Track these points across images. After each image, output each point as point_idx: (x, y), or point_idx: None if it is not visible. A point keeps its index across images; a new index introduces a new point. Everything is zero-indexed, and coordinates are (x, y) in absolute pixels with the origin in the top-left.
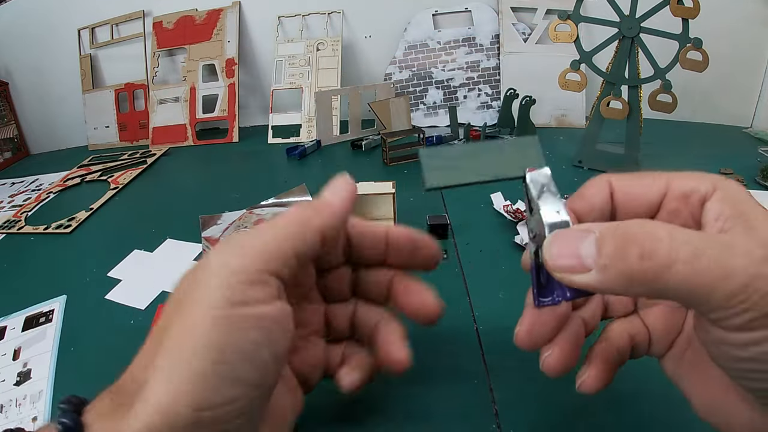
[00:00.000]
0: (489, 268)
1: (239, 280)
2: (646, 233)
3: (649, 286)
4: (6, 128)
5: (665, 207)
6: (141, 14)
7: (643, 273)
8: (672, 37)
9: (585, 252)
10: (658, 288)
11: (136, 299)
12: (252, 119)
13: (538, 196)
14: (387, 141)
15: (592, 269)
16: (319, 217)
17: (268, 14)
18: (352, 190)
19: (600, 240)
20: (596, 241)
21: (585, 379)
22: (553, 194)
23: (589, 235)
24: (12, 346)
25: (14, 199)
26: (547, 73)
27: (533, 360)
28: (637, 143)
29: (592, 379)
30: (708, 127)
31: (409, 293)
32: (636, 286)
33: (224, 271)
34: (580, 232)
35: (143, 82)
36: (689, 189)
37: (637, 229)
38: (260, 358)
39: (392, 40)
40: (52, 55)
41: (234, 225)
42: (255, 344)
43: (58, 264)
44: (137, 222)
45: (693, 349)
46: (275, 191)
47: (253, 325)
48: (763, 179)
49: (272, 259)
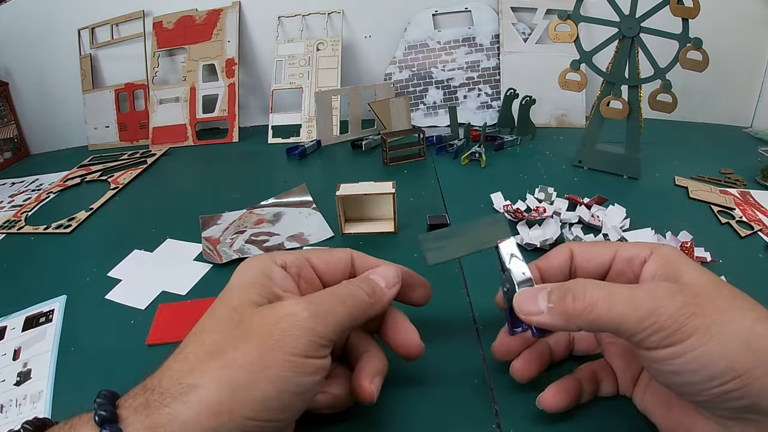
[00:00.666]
0: (489, 268)
1: (318, 342)
2: (579, 285)
3: (582, 320)
4: (6, 128)
5: (614, 268)
6: (141, 14)
7: (576, 311)
8: (672, 36)
9: (540, 301)
10: (588, 321)
11: (136, 299)
12: (252, 119)
13: (509, 261)
14: (387, 141)
15: (544, 311)
16: (377, 307)
17: (268, 14)
18: (400, 281)
19: (549, 292)
20: (547, 294)
21: (542, 394)
22: (519, 259)
23: (543, 290)
24: (12, 346)
25: (14, 199)
26: (547, 73)
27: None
28: (637, 143)
29: (548, 396)
30: (708, 127)
31: (396, 330)
32: (573, 321)
33: (310, 332)
34: (538, 288)
35: (143, 82)
36: (632, 254)
37: (573, 284)
38: (309, 393)
39: (392, 40)
40: (52, 55)
41: (234, 225)
42: (310, 384)
43: (58, 264)
44: (137, 222)
45: (653, 382)
46: (275, 191)
47: (313, 372)
48: (763, 179)
49: (339, 332)
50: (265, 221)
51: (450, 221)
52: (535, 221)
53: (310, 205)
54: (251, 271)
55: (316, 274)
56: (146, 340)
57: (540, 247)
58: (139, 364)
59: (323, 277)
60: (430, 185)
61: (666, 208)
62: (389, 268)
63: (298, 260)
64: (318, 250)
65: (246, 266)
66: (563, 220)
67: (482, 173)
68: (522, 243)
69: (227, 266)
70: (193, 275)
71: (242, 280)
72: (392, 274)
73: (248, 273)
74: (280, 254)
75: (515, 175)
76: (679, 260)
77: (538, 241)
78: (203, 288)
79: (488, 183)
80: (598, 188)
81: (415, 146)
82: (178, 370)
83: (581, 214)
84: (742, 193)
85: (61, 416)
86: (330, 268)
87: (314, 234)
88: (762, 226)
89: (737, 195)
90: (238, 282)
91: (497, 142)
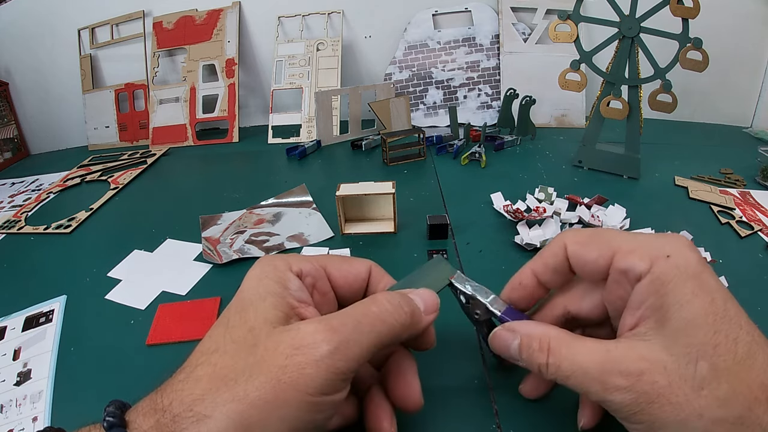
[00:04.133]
0: (489, 268)
1: (337, 379)
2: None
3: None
4: (6, 128)
5: (611, 275)
6: (141, 14)
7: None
8: (672, 37)
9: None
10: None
11: (136, 299)
12: (252, 119)
13: (472, 291)
14: (387, 141)
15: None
16: (411, 332)
17: (268, 14)
18: (438, 309)
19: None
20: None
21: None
22: (475, 284)
23: (516, 339)
24: (12, 346)
25: (14, 199)
26: (547, 73)
27: None
28: (637, 143)
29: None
30: (708, 127)
31: (400, 379)
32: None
33: (329, 370)
34: (510, 334)
35: (143, 82)
36: (627, 266)
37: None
38: (323, 427)
39: (392, 40)
40: (52, 55)
41: (234, 225)
42: (325, 419)
43: (58, 264)
44: (137, 222)
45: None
46: (275, 191)
47: (329, 408)
48: (763, 179)
49: (364, 362)
50: (265, 221)
51: (450, 221)
52: (535, 221)
53: (310, 205)
54: (267, 280)
55: (332, 285)
56: (146, 340)
57: (540, 247)
58: (139, 364)
59: (338, 291)
60: (430, 185)
61: (666, 208)
62: (430, 292)
63: (316, 270)
64: (336, 259)
65: (261, 272)
66: (563, 220)
67: (482, 173)
68: (522, 243)
69: (227, 266)
70: (193, 275)
71: (258, 290)
72: (433, 300)
73: (264, 282)
74: (296, 260)
75: (515, 175)
76: (674, 285)
77: (538, 241)
78: (203, 288)
79: (488, 183)
80: (598, 188)
81: (415, 146)
82: (189, 393)
83: (581, 214)
84: (742, 193)
85: (61, 416)
86: (348, 282)
87: (314, 234)
88: (762, 226)
89: (737, 195)
90: (253, 292)
91: (497, 142)
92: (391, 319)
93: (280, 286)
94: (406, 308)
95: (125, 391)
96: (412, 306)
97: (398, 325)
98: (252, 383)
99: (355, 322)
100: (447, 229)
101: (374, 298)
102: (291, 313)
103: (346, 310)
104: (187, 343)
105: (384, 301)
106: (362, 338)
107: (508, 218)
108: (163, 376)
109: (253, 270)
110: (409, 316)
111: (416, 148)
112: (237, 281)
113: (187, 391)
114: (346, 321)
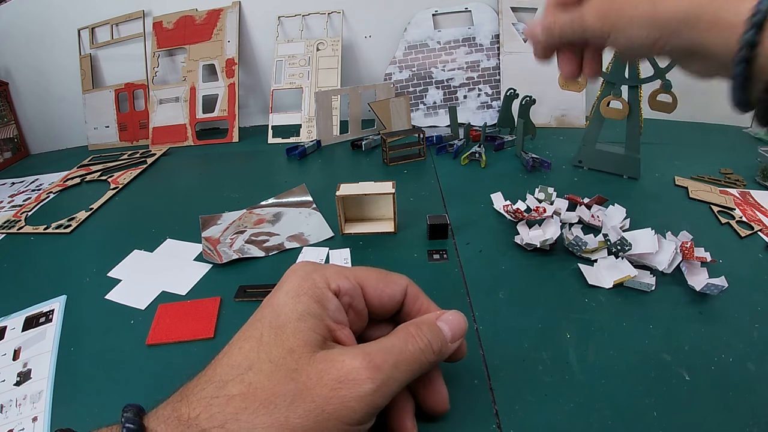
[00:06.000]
0: (489, 268)
1: (375, 412)
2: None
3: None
4: (6, 128)
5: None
6: (141, 14)
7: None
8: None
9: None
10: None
11: (136, 299)
12: (252, 119)
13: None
14: (387, 141)
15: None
16: (436, 359)
17: (268, 14)
18: (464, 334)
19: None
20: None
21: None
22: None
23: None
24: (12, 346)
25: (14, 199)
26: (547, 73)
27: (533, 360)
28: (637, 143)
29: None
30: (708, 127)
31: (430, 388)
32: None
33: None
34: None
35: (143, 82)
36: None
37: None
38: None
39: (392, 40)
40: (52, 55)
41: (234, 225)
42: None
43: (58, 264)
44: (137, 222)
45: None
46: (275, 191)
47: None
48: (763, 179)
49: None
50: (265, 221)
51: (450, 221)
52: (535, 221)
53: (310, 205)
54: (305, 298)
55: (366, 302)
56: (146, 341)
57: (540, 247)
58: (139, 364)
59: (373, 311)
60: (430, 185)
61: (666, 208)
62: (459, 317)
63: (353, 289)
64: (373, 276)
65: (300, 288)
66: (563, 220)
67: (482, 173)
68: (522, 243)
69: (227, 266)
70: (193, 275)
71: (296, 308)
72: (460, 326)
73: (303, 300)
74: (334, 275)
75: (515, 175)
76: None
77: (538, 241)
78: (203, 288)
79: (488, 183)
80: (598, 188)
81: (415, 146)
82: (220, 410)
83: (581, 214)
84: (742, 193)
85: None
86: (382, 302)
87: (314, 234)
88: (762, 226)
89: (737, 195)
90: (290, 309)
91: (497, 142)
92: (423, 357)
93: (319, 306)
94: (435, 346)
95: (125, 391)
96: (441, 340)
97: (427, 363)
98: (294, 410)
99: (395, 361)
100: (447, 229)
101: (409, 335)
102: (329, 335)
103: (384, 344)
104: (187, 343)
105: (418, 339)
106: (400, 376)
107: (508, 218)
108: (180, 380)
109: (290, 281)
110: (437, 354)
111: (416, 148)
112: (237, 281)
113: (218, 408)
114: (387, 359)
